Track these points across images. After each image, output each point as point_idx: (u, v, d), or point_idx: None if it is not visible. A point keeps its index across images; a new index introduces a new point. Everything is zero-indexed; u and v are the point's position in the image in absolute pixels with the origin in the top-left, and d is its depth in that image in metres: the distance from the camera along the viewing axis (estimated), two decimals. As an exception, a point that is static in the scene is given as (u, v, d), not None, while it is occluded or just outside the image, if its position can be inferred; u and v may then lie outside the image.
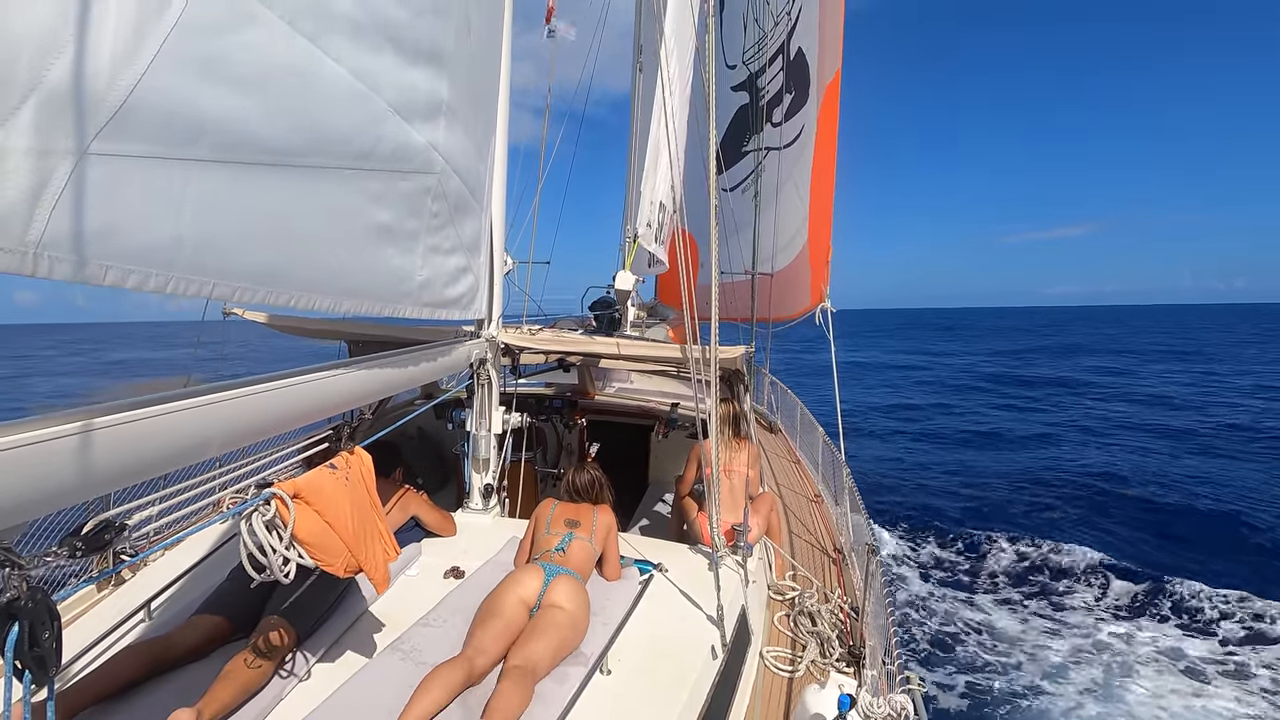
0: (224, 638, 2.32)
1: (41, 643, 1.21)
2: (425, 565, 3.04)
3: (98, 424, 1.26)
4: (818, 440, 6.59)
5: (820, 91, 9.74)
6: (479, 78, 2.66)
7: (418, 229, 2.30)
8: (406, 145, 2.07)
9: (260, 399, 1.75)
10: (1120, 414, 23.91)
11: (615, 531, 3.03)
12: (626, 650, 2.40)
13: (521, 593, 2.45)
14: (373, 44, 1.81)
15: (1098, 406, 25.88)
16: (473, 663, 2.16)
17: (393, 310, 2.26)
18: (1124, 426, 21.52)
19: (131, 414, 1.34)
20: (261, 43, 1.41)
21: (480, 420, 3.76)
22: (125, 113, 1.13)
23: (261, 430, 1.84)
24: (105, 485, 1.36)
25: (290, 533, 1.89)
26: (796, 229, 9.96)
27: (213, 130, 1.31)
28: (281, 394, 1.85)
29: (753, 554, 3.38)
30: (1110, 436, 20.05)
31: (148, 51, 1.15)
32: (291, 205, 1.59)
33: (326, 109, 1.65)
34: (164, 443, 1.45)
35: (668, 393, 5.95)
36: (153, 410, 1.39)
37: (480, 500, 3.76)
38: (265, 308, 1.55)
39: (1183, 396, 27.80)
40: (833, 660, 3.16)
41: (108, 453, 1.30)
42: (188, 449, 1.54)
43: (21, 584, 1.20)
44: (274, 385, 1.81)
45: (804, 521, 5.19)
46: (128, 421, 1.33)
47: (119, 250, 1.16)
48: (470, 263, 2.90)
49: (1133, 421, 22.33)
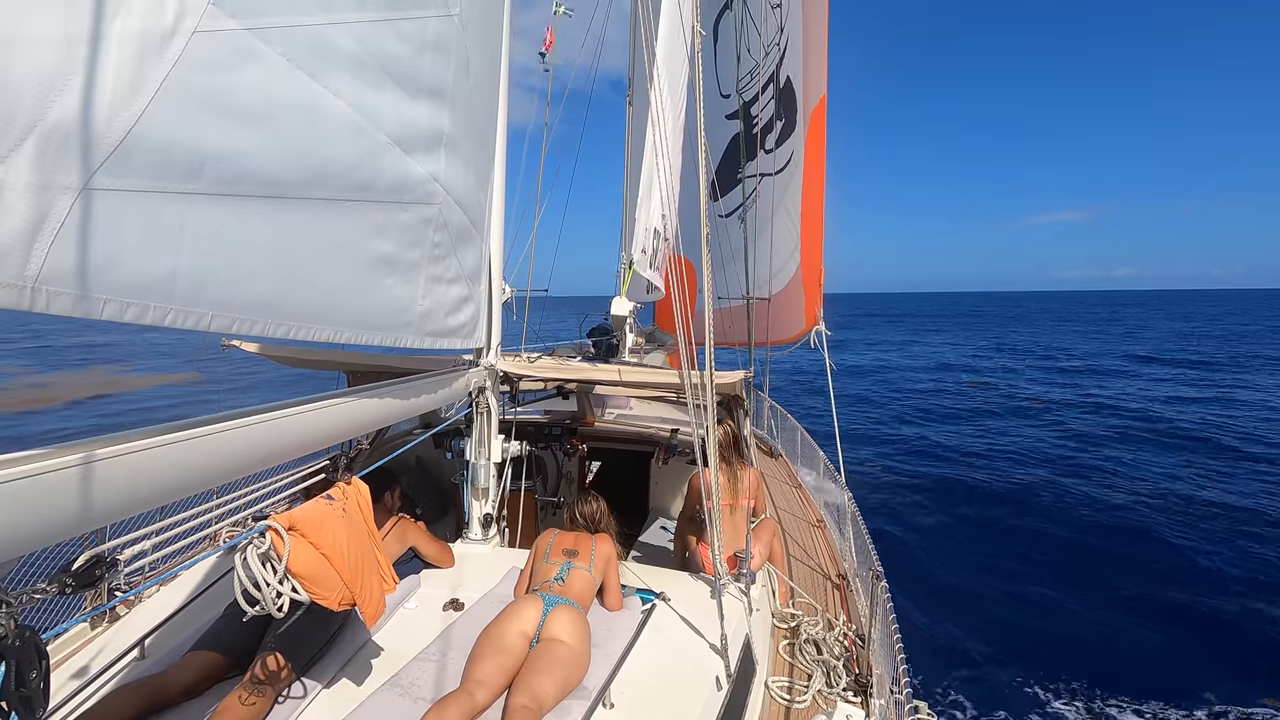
0: (220, 675, 2.28)
1: (28, 683, 1.19)
2: (424, 597, 3.00)
3: (93, 456, 1.24)
4: (818, 464, 6.56)
5: (806, 118, 9.94)
6: (479, 108, 2.70)
7: (419, 259, 2.31)
8: (407, 177, 2.09)
9: (258, 430, 1.73)
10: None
11: (615, 560, 2.99)
12: (629, 682, 2.36)
13: (520, 625, 2.41)
14: (373, 79, 1.84)
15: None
16: (473, 697, 2.11)
17: (394, 340, 2.26)
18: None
19: (127, 446, 1.33)
20: (262, 79, 1.43)
21: (479, 449, 3.73)
22: (126, 148, 1.14)
23: (260, 462, 1.82)
24: (99, 520, 1.34)
25: (285, 566, 1.86)
26: (790, 253, 10.06)
27: (213, 164, 1.32)
28: (280, 425, 1.83)
29: (756, 581, 3.34)
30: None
31: (149, 88, 1.17)
32: (292, 237, 1.60)
33: (327, 142, 1.67)
34: (160, 476, 1.43)
35: (667, 419, 5.93)
36: (149, 443, 1.38)
37: (479, 530, 3.72)
38: (265, 338, 1.56)
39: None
40: (839, 690, 3.10)
41: (102, 487, 1.28)
42: (185, 482, 1.52)
43: (9, 622, 1.17)
44: (272, 416, 1.80)
45: (806, 547, 5.13)
46: (123, 454, 1.32)
47: (118, 283, 1.16)
48: (472, 292, 2.91)
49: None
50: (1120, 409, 23.06)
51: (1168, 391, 26.65)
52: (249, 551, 1.83)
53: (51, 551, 2.58)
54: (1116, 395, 26.10)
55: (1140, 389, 27.71)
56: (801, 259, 10.00)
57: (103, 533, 2.43)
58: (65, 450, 1.20)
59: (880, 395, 26.58)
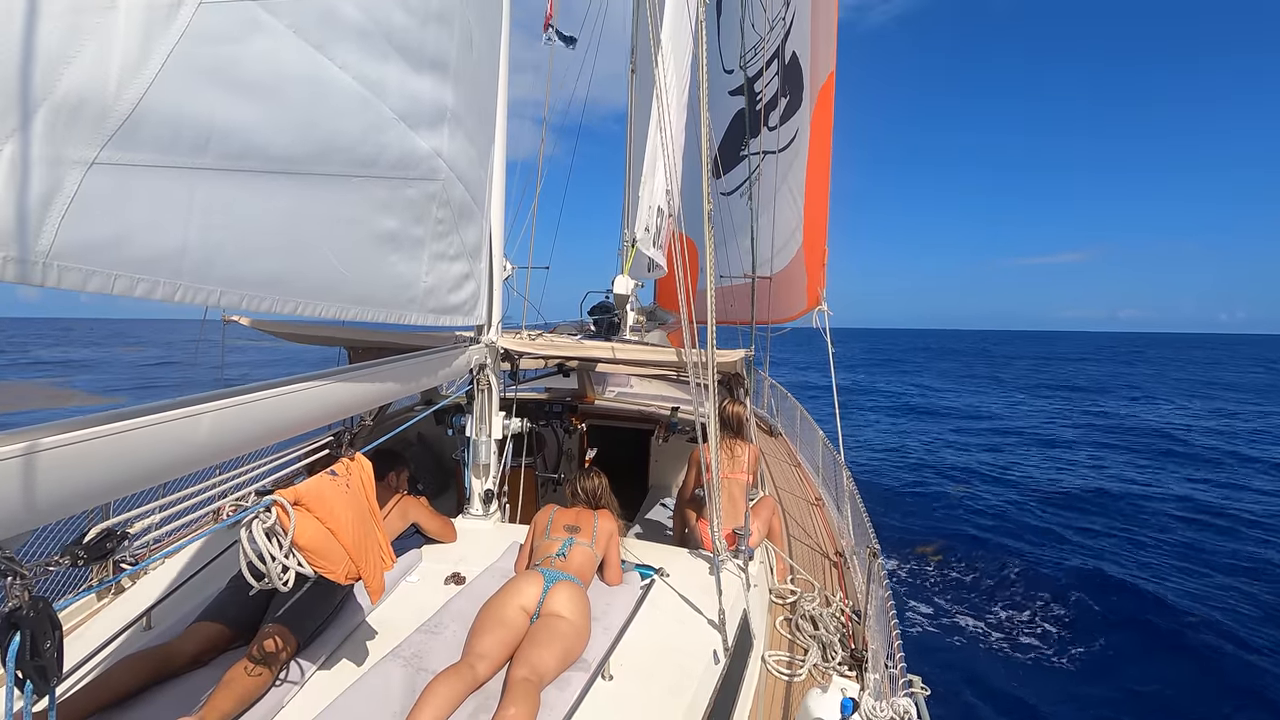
0: (224, 646, 2.31)
1: (43, 652, 1.21)
2: (426, 571, 3.03)
3: (98, 433, 1.25)
4: (817, 443, 6.60)
5: (814, 95, 9.80)
6: (481, 85, 2.67)
7: (423, 236, 2.30)
8: (412, 152, 2.07)
9: (261, 406, 1.74)
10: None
11: (617, 537, 3.03)
12: (628, 655, 2.40)
13: (521, 599, 2.45)
14: (379, 52, 1.81)
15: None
16: (474, 669, 2.15)
17: (398, 317, 2.26)
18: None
19: (133, 422, 1.33)
20: (268, 51, 1.41)
21: (480, 426, 3.75)
22: (134, 121, 1.12)
23: (262, 437, 1.83)
24: (107, 494, 1.35)
25: (290, 540, 1.88)
26: (792, 232, 9.99)
27: (220, 138, 1.31)
28: (282, 401, 1.84)
29: (754, 558, 3.38)
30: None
31: (155, 60, 1.15)
32: (298, 213, 1.59)
33: (333, 116, 1.65)
34: (165, 451, 1.44)
35: (667, 397, 5.95)
36: (154, 418, 1.39)
37: (480, 506, 3.75)
38: (272, 315, 1.56)
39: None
40: (835, 664, 3.16)
41: (109, 461, 1.29)
42: (189, 457, 1.53)
43: (24, 593, 1.19)
44: (275, 392, 1.80)
45: (804, 525, 5.19)
46: (129, 430, 1.33)
47: (128, 259, 1.16)
48: (473, 269, 2.90)
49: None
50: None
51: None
52: (254, 526, 1.85)
53: (54, 529, 2.61)
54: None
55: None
56: (804, 238, 9.95)
57: (107, 509, 2.45)
58: (70, 426, 1.21)
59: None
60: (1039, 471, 17.64)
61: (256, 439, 1.82)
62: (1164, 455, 19.95)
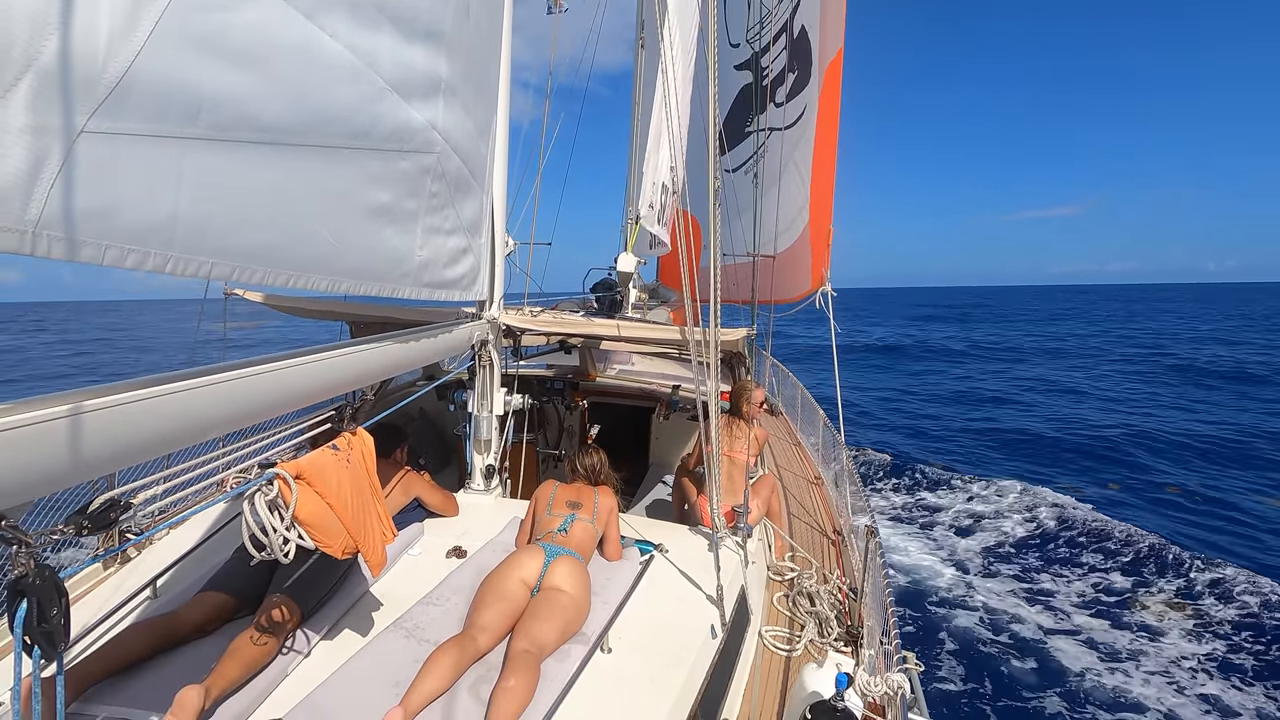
0: (229, 615, 2.35)
1: (50, 619, 1.23)
2: (427, 545, 3.07)
3: (102, 403, 1.26)
4: (818, 423, 6.61)
5: (822, 72, 9.63)
6: (479, 56, 2.62)
7: (416, 209, 2.29)
8: (405, 124, 2.05)
9: (263, 379, 1.75)
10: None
11: (616, 513, 3.05)
12: (627, 629, 2.43)
13: (522, 573, 2.47)
14: (370, 20, 1.78)
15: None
16: (476, 641, 2.19)
17: (391, 290, 2.25)
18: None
19: (136, 394, 1.34)
20: (259, 19, 1.39)
21: (482, 401, 3.76)
22: (122, 90, 1.11)
23: (264, 411, 1.84)
24: (110, 465, 1.36)
25: (292, 513, 1.90)
26: (798, 211, 9.89)
27: (210, 108, 1.30)
28: (284, 374, 1.85)
29: (752, 535, 3.40)
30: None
31: (144, 27, 1.14)
32: (289, 184, 1.58)
33: (324, 86, 1.63)
34: (168, 423, 1.45)
35: (669, 375, 5.95)
36: (156, 390, 1.40)
37: (482, 481, 3.78)
38: (264, 288, 1.55)
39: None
40: (831, 640, 3.19)
41: (112, 432, 1.30)
42: (191, 429, 1.54)
43: (29, 561, 1.21)
44: (277, 366, 1.81)
45: (804, 503, 5.22)
46: (132, 401, 1.34)
47: (118, 229, 1.15)
48: (470, 244, 2.88)
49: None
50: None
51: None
52: (257, 498, 1.87)
53: (58, 498, 2.64)
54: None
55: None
56: (810, 217, 9.84)
57: (112, 479, 2.48)
58: (74, 396, 1.22)
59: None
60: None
61: (260, 411, 1.83)
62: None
